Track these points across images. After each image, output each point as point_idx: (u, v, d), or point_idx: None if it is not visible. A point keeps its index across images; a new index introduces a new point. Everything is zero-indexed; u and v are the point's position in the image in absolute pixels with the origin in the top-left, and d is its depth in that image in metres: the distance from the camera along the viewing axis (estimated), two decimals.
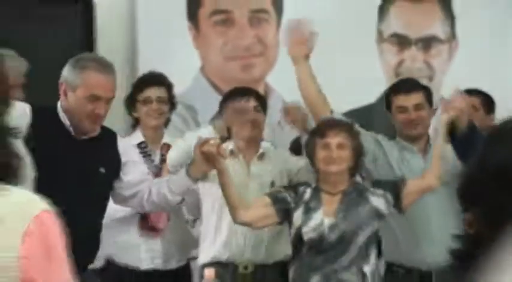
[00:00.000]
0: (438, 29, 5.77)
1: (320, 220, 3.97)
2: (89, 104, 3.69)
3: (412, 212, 4.15)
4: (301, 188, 4.11)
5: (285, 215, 4.04)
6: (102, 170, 3.97)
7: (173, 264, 4.51)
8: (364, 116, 5.01)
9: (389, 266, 4.41)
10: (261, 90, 5.25)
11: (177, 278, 4.55)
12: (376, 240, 4.12)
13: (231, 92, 4.55)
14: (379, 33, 5.72)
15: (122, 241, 4.54)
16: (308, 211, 4.02)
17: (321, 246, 3.98)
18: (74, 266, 1.69)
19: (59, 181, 3.35)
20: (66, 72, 3.80)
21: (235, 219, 4.07)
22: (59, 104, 3.73)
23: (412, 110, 4.26)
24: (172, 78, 4.65)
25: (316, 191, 4.03)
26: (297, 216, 4.04)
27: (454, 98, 4.12)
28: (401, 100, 4.28)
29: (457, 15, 5.77)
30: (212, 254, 4.22)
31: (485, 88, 4.90)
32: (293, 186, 4.19)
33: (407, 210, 4.12)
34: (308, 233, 3.97)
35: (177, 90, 4.80)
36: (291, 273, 4.10)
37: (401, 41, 5.75)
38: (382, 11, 5.72)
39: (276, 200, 4.04)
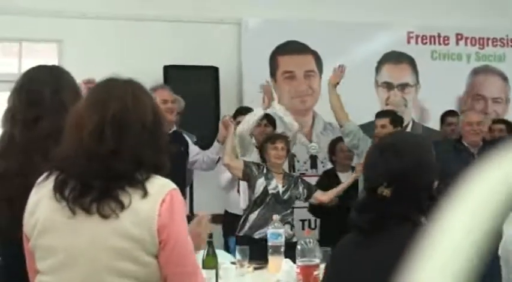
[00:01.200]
0: (409, 78, 7.86)
1: (276, 184, 5.44)
2: (163, 105, 5.21)
3: None
4: (261, 166, 5.52)
5: (247, 177, 5.48)
6: (182, 148, 5.76)
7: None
8: (368, 127, 6.49)
9: None
10: (310, 114, 7.51)
11: None
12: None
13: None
14: (376, 81, 7.79)
15: (231, 198, 6.34)
16: (267, 178, 5.44)
17: (279, 199, 5.40)
18: None
19: None
20: None
21: (222, 160, 5.63)
22: None
23: (379, 127, 6.02)
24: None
25: (268, 170, 5.49)
26: (261, 181, 5.42)
27: (358, 163, 5.90)
28: (376, 121, 6.11)
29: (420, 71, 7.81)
30: None
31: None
32: (257, 163, 5.58)
33: None
34: (271, 189, 5.41)
35: None
36: (252, 217, 5.38)
37: (389, 86, 7.83)
38: (378, 69, 7.78)
39: (246, 165, 5.50)
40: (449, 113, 6.89)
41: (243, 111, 6.45)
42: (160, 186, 2.02)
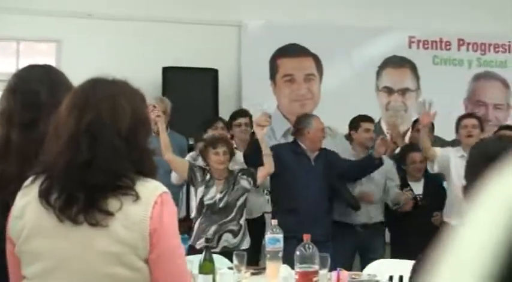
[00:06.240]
0: (410, 83, 7.93)
1: (214, 194, 5.28)
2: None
3: None
4: (206, 172, 5.34)
5: (191, 180, 5.34)
6: None
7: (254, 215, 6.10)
8: None
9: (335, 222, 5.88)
10: None
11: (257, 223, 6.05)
12: (245, 205, 5.37)
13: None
14: (376, 85, 7.86)
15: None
16: (207, 187, 5.30)
17: (214, 209, 5.26)
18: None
19: None
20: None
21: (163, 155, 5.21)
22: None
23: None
24: (261, 111, 6.25)
25: (211, 176, 5.34)
26: (200, 190, 5.30)
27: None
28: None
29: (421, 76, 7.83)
30: None
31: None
32: (203, 168, 5.38)
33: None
34: (207, 200, 5.27)
35: None
36: (197, 225, 5.27)
37: (389, 90, 7.90)
38: (378, 73, 7.83)
39: (191, 168, 5.34)
40: (467, 116, 6.31)
41: (241, 113, 6.41)
42: (151, 189, 2.00)
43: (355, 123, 6.16)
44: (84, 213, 1.93)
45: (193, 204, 5.57)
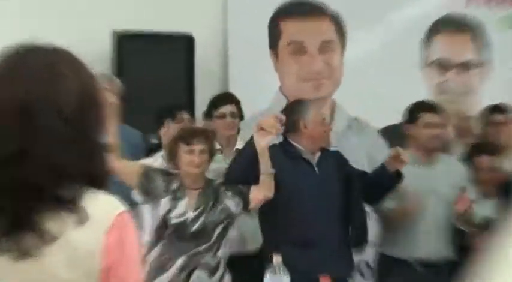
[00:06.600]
0: (473, 55, 7.85)
1: (184, 209, 5.13)
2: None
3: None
4: (171, 177, 5.19)
5: (144, 191, 5.14)
6: None
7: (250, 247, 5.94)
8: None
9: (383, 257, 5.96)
10: (328, 105, 7.31)
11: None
12: (227, 232, 5.24)
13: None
14: (425, 58, 7.79)
15: None
16: (175, 199, 5.14)
17: (184, 233, 5.09)
18: None
19: None
20: None
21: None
22: None
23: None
24: (256, 96, 6.65)
25: (180, 184, 5.18)
26: (165, 202, 5.12)
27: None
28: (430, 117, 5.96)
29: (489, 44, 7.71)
30: None
31: None
32: (168, 172, 5.26)
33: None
34: (174, 218, 5.09)
35: (261, 106, 6.92)
36: (154, 256, 5.10)
37: (444, 65, 7.84)
38: (428, 40, 7.78)
39: (146, 173, 5.16)
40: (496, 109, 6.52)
41: (226, 99, 6.27)
42: (104, 206, 2.01)
43: (413, 113, 5.95)
44: (10, 235, 1.91)
45: (146, 226, 5.29)
